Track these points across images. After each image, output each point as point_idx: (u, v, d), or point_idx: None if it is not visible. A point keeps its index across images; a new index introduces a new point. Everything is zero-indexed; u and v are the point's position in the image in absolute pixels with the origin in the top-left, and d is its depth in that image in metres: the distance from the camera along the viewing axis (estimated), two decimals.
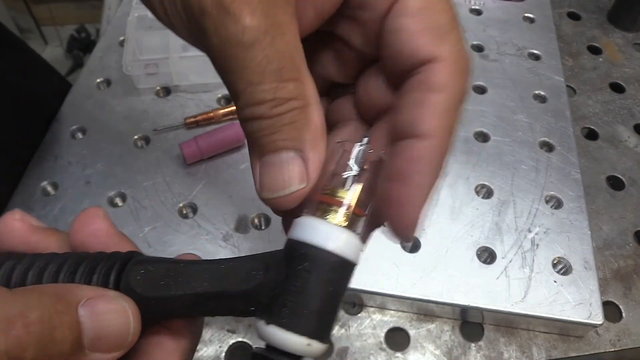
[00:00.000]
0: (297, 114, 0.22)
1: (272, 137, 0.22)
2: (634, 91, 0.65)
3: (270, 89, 0.21)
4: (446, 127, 0.23)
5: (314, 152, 0.22)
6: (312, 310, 0.21)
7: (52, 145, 0.55)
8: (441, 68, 0.23)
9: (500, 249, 0.48)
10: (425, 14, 0.23)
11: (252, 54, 0.20)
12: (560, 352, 0.45)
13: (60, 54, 1.82)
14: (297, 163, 0.22)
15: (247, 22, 0.20)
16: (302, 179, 0.22)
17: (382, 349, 0.45)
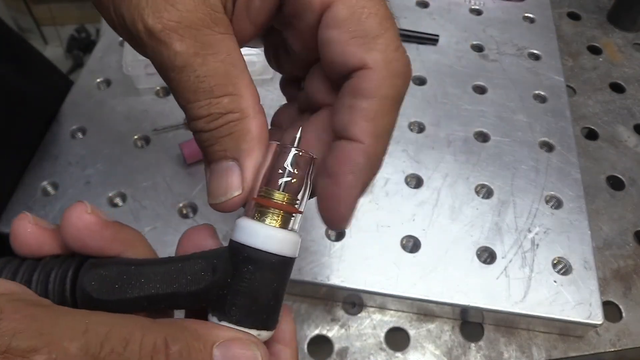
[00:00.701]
0: (233, 126, 0.24)
1: (213, 148, 0.24)
2: (634, 91, 0.65)
3: (204, 105, 0.23)
4: (375, 131, 0.24)
5: (249, 161, 0.24)
6: (259, 307, 0.23)
7: (52, 145, 0.55)
8: (370, 74, 0.24)
9: (500, 249, 0.48)
10: (352, 23, 0.24)
11: (185, 75, 0.23)
12: (560, 352, 0.46)
13: (60, 54, 1.82)
14: (234, 171, 0.24)
15: (177, 47, 0.23)
16: (238, 186, 0.24)
17: (382, 349, 0.45)
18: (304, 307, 0.47)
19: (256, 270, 0.23)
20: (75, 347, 0.18)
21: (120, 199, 0.52)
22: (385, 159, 0.57)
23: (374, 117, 0.24)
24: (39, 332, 0.18)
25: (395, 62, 0.24)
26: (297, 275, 0.46)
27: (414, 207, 0.51)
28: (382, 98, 0.24)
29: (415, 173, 0.53)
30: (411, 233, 0.49)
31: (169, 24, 0.23)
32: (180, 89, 0.24)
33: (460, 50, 0.66)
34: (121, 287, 0.23)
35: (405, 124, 0.57)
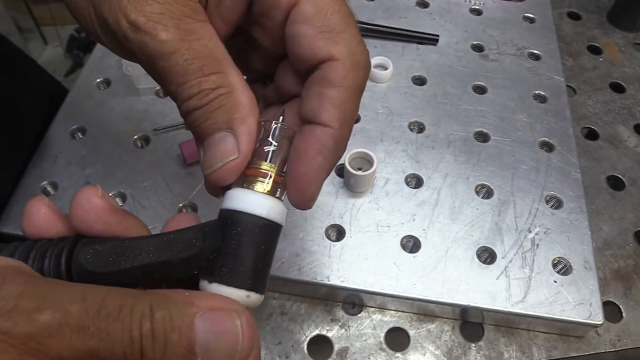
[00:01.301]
0: (224, 99, 0.25)
1: (206, 123, 0.25)
2: (634, 91, 0.65)
3: (195, 84, 0.25)
4: (342, 117, 0.26)
5: (243, 127, 0.25)
6: (247, 267, 0.24)
7: (52, 145, 0.55)
8: (336, 65, 0.26)
9: (500, 249, 0.48)
10: (318, 19, 0.26)
11: (174, 60, 0.24)
12: (560, 352, 0.45)
13: (60, 54, 1.82)
14: (229, 139, 0.25)
15: (162, 36, 0.24)
16: (233, 151, 0.25)
17: (382, 349, 0.45)
18: (304, 307, 0.47)
19: (244, 231, 0.24)
20: (77, 309, 0.20)
21: (120, 199, 0.52)
22: (385, 158, 0.57)
23: (341, 104, 0.26)
24: (42, 295, 0.20)
25: (358, 54, 0.27)
26: (297, 275, 0.46)
27: (414, 207, 0.51)
28: (348, 87, 0.26)
29: (415, 173, 0.53)
30: (411, 233, 0.49)
31: (152, 16, 0.24)
32: (170, 74, 0.25)
33: (460, 50, 0.66)
34: (115, 260, 0.24)
35: (405, 124, 0.57)
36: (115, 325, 0.20)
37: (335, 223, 0.49)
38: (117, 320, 0.20)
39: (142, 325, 0.20)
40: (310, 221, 0.49)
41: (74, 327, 0.19)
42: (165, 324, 0.21)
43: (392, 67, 0.61)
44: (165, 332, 0.21)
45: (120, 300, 0.21)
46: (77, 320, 0.19)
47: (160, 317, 0.21)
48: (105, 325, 0.20)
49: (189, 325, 0.21)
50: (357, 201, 0.51)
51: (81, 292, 0.20)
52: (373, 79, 0.61)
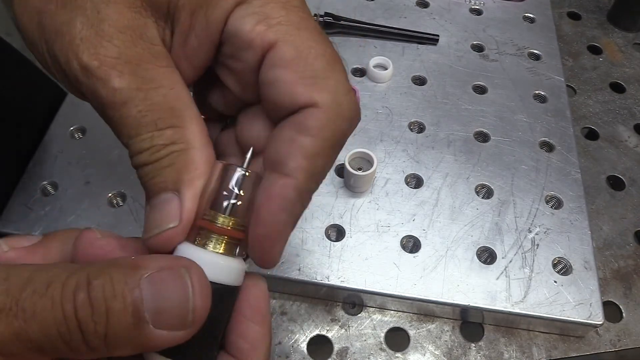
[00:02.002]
0: (176, 157, 0.23)
1: (154, 181, 0.23)
2: (634, 91, 0.65)
3: (147, 138, 0.23)
4: (311, 170, 0.23)
5: (190, 191, 0.23)
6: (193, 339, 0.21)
7: (52, 145, 0.55)
8: (317, 113, 0.23)
9: (500, 249, 0.48)
10: (299, 63, 0.23)
11: (126, 111, 0.22)
12: (560, 352, 0.45)
13: None
14: (173, 203, 0.23)
15: (115, 84, 0.22)
16: (174, 217, 0.23)
17: (382, 349, 0.45)
18: (304, 307, 0.47)
19: None
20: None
21: (120, 199, 0.52)
22: (385, 158, 0.57)
23: (313, 156, 0.23)
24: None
25: (344, 104, 0.24)
26: (297, 275, 0.46)
27: (414, 207, 0.51)
28: (325, 139, 0.23)
29: (415, 173, 0.53)
30: (411, 233, 0.49)
31: (106, 60, 0.22)
32: (121, 126, 0.23)
33: (460, 50, 0.66)
34: None
35: (405, 124, 0.57)
36: (43, 302, 0.18)
37: (335, 223, 0.49)
38: (45, 296, 0.18)
39: (76, 297, 0.18)
40: (310, 221, 0.49)
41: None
42: (105, 291, 0.19)
43: (392, 67, 0.61)
44: (105, 299, 0.19)
45: (50, 275, 0.19)
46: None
47: (98, 284, 0.19)
48: (30, 303, 0.18)
49: (133, 289, 0.19)
50: (357, 201, 0.51)
51: (5, 272, 0.19)
52: (373, 79, 0.61)
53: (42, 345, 0.18)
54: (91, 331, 0.18)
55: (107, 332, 0.19)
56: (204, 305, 0.21)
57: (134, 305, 0.19)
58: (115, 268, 0.20)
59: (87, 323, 0.18)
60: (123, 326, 0.19)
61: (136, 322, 0.19)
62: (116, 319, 0.19)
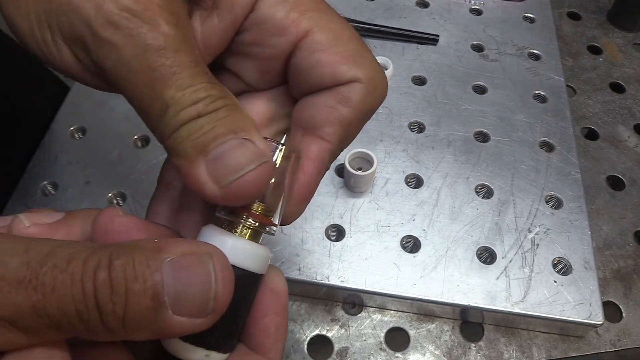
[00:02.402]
0: (231, 109, 0.22)
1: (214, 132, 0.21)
2: (634, 91, 0.65)
3: (202, 88, 0.21)
4: (343, 136, 0.26)
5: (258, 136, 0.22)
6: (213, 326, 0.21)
7: (52, 145, 0.55)
8: (358, 88, 0.25)
9: (500, 249, 0.48)
10: (338, 45, 0.25)
11: (179, 59, 0.21)
12: (560, 352, 0.45)
13: None
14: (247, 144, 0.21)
15: (166, 30, 0.21)
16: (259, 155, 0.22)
17: (382, 349, 0.45)
18: (304, 307, 0.47)
19: None
20: (16, 262, 0.18)
21: (120, 199, 0.52)
22: (385, 158, 0.57)
23: (348, 125, 0.25)
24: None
25: (378, 81, 0.26)
26: (297, 275, 0.46)
27: (414, 207, 0.51)
28: (361, 111, 0.25)
29: (415, 173, 0.53)
30: (411, 233, 0.49)
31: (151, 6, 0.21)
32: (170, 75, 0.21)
33: (460, 50, 0.66)
34: None
35: (405, 124, 0.57)
36: (63, 278, 0.18)
37: (335, 223, 0.49)
38: (65, 272, 0.18)
39: (97, 276, 0.18)
40: (310, 221, 0.49)
41: (12, 281, 0.17)
42: (126, 272, 0.18)
43: (392, 67, 0.61)
44: (126, 281, 0.18)
45: (72, 251, 0.18)
46: (15, 274, 0.18)
47: (119, 264, 0.18)
48: (50, 278, 0.18)
49: (154, 272, 0.19)
50: (357, 201, 0.51)
51: (26, 244, 0.18)
52: None
53: (60, 322, 0.18)
54: (109, 311, 0.18)
55: (125, 313, 0.18)
56: (226, 293, 0.20)
57: (154, 289, 0.18)
58: (138, 250, 0.19)
59: (105, 302, 0.18)
60: (142, 309, 0.18)
61: (155, 306, 0.19)
62: (135, 301, 0.18)
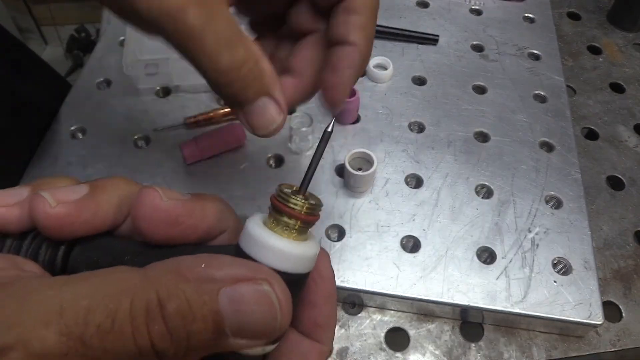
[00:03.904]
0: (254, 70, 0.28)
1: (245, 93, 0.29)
2: (634, 91, 0.65)
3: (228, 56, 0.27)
4: (366, 37, 0.31)
5: (277, 92, 0.30)
6: None
7: (52, 145, 0.55)
8: None
9: (500, 249, 0.48)
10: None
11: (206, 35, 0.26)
12: (560, 352, 0.45)
13: (60, 54, 1.82)
14: (271, 104, 0.30)
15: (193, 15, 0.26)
16: (279, 113, 0.30)
17: (382, 349, 0.45)
18: None
19: None
20: (54, 333, 0.16)
21: None
22: (385, 158, 0.57)
23: (365, 27, 0.31)
24: (7, 325, 0.16)
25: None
26: None
27: (414, 207, 0.51)
28: (368, 12, 0.31)
29: (415, 173, 0.53)
30: (411, 233, 0.49)
31: None
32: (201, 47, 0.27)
33: (460, 50, 0.66)
34: None
35: (405, 124, 0.57)
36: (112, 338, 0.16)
37: (335, 223, 0.49)
38: (112, 332, 0.16)
39: (151, 329, 0.17)
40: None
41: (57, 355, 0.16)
42: (184, 317, 0.17)
43: (392, 67, 0.61)
44: (185, 326, 0.17)
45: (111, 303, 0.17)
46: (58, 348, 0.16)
47: (174, 311, 0.17)
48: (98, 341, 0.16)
49: (213, 307, 0.18)
50: (357, 201, 0.51)
51: (58, 305, 0.16)
52: (373, 79, 0.61)
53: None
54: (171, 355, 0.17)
55: (186, 352, 0.18)
56: (289, 318, 0.20)
57: (215, 324, 0.18)
58: (187, 284, 0.18)
59: (167, 350, 0.17)
60: (203, 343, 0.18)
61: (217, 337, 0.18)
62: (196, 339, 0.17)
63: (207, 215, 0.23)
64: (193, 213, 0.22)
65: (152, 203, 0.21)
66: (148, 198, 0.22)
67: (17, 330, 0.16)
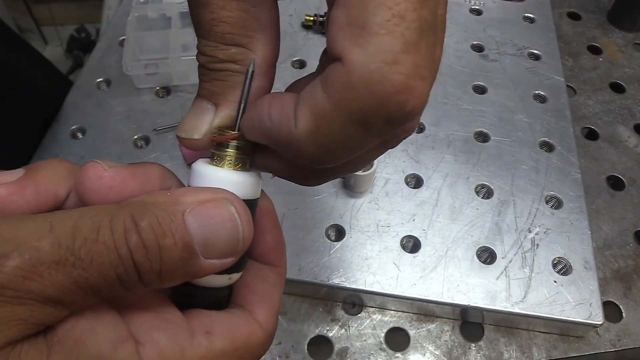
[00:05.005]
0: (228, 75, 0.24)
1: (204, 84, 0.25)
2: (634, 91, 0.65)
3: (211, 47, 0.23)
4: None
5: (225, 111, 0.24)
6: None
7: (52, 145, 0.55)
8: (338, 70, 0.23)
9: (500, 249, 0.48)
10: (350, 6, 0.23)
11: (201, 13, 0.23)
12: (560, 352, 0.45)
13: (60, 54, 1.82)
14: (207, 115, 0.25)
15: None
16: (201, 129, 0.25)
17: (382, 349, 0.45)
18: (304, 307, 0.47)
19: None
20: (48, 244, 0.18)
21: None
22: (385, 158, 0.57)
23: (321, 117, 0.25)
24: (3, 238, 0.18)
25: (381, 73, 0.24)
26: (297, 275, 0.46)
27: (414, 207, 0.51)
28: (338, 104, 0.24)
29: (415, 173, 0.53)
30: (411, 233, 0.49)
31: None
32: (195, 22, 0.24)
33: (460, 50, 0.66)
34: None
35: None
36: (97, 248, 0.18)
37: (335, 223, 0.49)
38: (97, 242, 0.19)
39: (129, 240, 0.19)
40: (310, 221, 0.49)
41: (50, 262, 0.18)
42: (155, 230, 0.19)
43: None
44: (157, 238, 0.19)
45: (94, 221, 0.19)
46: (50, 256, 0.18)
47: (146, 225, 0.19)
48: (85, 251, 0.18)
49: (180, 224, 0.20)
50: (357, 201, 0.51)
51: (48, 223, 0.19)
52: None
53: (101, 288, 0.19)
54: (147, 269, 0.19)
55: (161, 267, 0.19)
56: (250, 232, 0.22)
57: (184, 240, 0.20)
58: (156, 206, 0.20)
59: (142, 262, 0.19)
60: (175, 261, 0.20)
61: (187, 255, 0.20)
62: (168, 254, 0.19)
63: (150, 177, 0.24)
64: (136, 175, 0.23)
65: (96, 173, 0.22)
66: (92, 170, 0.23)
67: (12, 242, 0.18)
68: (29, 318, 0.18)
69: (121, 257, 0.19)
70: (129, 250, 0.19)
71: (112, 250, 0.19)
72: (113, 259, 0.19)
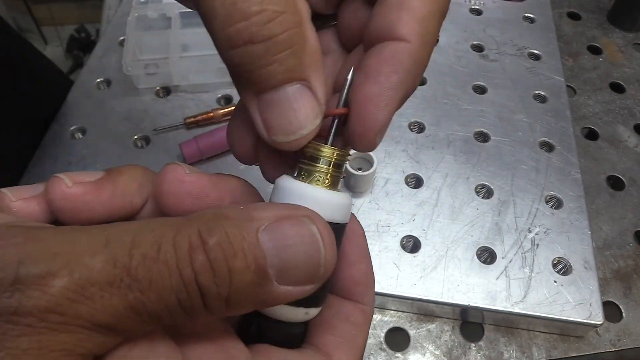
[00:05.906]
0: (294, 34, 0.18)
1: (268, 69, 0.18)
2: (634, 91, 0.65)
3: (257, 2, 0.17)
4: (425, 32, 0.20)
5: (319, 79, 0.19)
6: None
7: (52, 145, 0.55)
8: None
9: (500, 249, 0.48)
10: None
11: None
12: (560, 352, 0.45)
13: (60, 54, 1.82)
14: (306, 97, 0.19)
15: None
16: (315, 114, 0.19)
17: (382, 349, 0.45)
18: None
19: None
20: (100, 261, 0.16)
21: None
22: (385, 158, 0.57)
23: (424, 18, 0.20)
24: (51, 253, 0.15)
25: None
26: None
27: (414, 207, 0.51)
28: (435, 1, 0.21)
29: (415, 173, 0.53)
30: (411, 233, 0.49)
31: None
32: None
33: (460, 50, 0.66)
34: None
35: (405, 124, 0.57)
36: (157, 268, 0.16)
37: None
38: (157, 261, 0.16)
39: (194, 260, 0.16)
40: None
41: (103, 284, 0.15)
42: (224, 249, 0.16)
43: None
44: (226, 259, 0.16)
45: (156, 235, 0.16)
46: (104, 275, 0.15)
47: (215, 243, 0.16)
48: (144, 271, 0.16)
49: (254, 243, 0.17)
50: (357, 201, 0.51)
51: (104, 237, 0.16)
52: None
53: (159, 315, 0.16)
54: (213, 295, 0.17)
55: (230, 293, 0.17)
56: (334, 257, 0.19)
57: (257, 262, 0.17)
58: (227, 221, 0.17)
59: (209, 286, 0.16)
60: (246, 285, 0.17)
61: (259, 280, 0.17)
62: (239, 278, 0.17)
63: (233, 189, 0.22)
64: (218, 185, 0.21)
65: (177, 177, 0.21)
66: (173, 172, 0.21)
67: (62, 258, 0.15)
68: (76, 348, 0.16)
69: (184, 279, 0.16)
70: (194, 271, 0.16)
71: (174, 271, 0.16)
72: (175, 281, 0.16)
